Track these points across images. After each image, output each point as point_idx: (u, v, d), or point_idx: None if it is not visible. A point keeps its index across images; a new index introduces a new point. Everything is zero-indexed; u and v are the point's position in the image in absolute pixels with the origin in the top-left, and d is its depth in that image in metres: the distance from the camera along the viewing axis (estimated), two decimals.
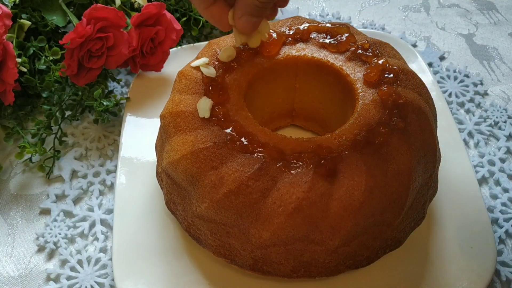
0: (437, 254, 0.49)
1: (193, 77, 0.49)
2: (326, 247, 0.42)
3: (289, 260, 0.44)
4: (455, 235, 0.50)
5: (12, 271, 0.51)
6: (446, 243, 0.50)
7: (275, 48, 0.51)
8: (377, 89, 0.48)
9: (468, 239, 0.49)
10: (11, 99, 0.56)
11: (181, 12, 0.70)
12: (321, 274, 0.45)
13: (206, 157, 0.43)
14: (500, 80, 0.70)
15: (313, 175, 0.41)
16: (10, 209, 0.55)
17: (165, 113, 0.48)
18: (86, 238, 0.53)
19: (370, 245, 0.44)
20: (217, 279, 0.47)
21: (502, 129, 0.63)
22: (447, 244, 0.50)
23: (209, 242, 0.46)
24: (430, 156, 0.46)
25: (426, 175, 0.46)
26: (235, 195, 0.42)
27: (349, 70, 0.50)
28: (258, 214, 0.41)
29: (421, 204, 0.47)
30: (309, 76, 0.54)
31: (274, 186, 0.41)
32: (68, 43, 0.54)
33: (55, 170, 0.58)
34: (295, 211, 0.41)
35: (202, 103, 0.46)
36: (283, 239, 0.42)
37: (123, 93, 0.66)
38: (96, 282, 0.49)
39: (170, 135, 0.47)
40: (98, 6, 0.55)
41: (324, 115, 0.56)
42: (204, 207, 0.43)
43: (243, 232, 0.43)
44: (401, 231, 0.46)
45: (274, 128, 0.59)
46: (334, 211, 0.41)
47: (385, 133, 0.44)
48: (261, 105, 0.54)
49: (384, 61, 0.49)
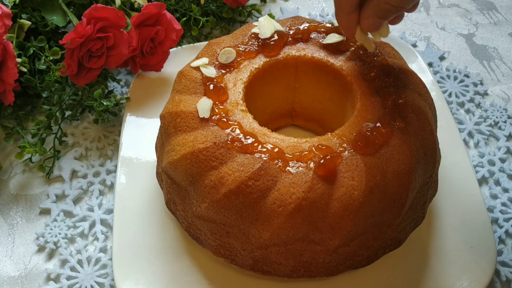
0: (437, 254, 0.49)
1: (193, 77, 0.49)
2: (326, 247, 0.42)
3: (289, 260, 0.44)
4: (455, 235, 0.50)
5: (12, 271, 0.51)
6: (446, 243, 0.50)
7: (276, 49, 0.51)
8: (377, 89, 0.48)
9: (468, 239, 0.49)
10: (11, 99, 0.56)
11: (181, 12, 0.70)
12: (321, 274, 0.45)
13: (206, 157, 0.43)
14: (500, 80, 0.70)
15: (313, 175, 0.41)
16: (10, 209, 0.55)
17: (165, 113, 0.48)
18: (86, 238, 0.53)
19: (370, 245, 0.44)
20: (217, 279, 0.47)
21: (502, 129, 0.63)
22: (447, 244, 0.50)
23: (209, 242, 0.46)
24: (430, 156, 0.46)
25: (426, 175, 0.46)
26: (235, 195, 0.42)
27: (349, 70, 0.50)
28: (258, 214, 0.42)
29: (421, 204, 0.47)
30: (309, 76, 0.54)
31: (274, 186, 0.41)
32: (68, 43, 0.54)
33: (55, 170, 0.58)
34: (295, 211, 0.41)
35: (202, 103, 0.46)
36: (283, 239, 0.42)
37: (123, 93, 0.66)
38: (96, 282, 0.49)
39: (170, 135, 0.47)
40: (98, 6, 0.55)
41: (324, 115, 0.56)
42: (204, 207, 0.43)
43: (243, 232, 0.43)
44: (401, 231, 0.46)
45: (274, 128, 0.59)
46: (334, 211, 0.41)
47: (385, 133, 0.44)
48: (261, 105, 0.55)
49: (384, 61, 0.50)
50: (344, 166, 0.42)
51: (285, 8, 0.79)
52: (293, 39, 0.53)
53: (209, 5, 0.72)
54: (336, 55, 0.52)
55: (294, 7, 0.80)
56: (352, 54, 0.51)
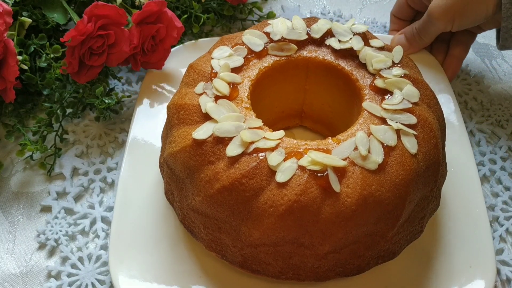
0: (433, 270, 0.48)
1: (201, 70, 0.49)
2: (315, 251, 0.42)
3: (278, 261, 0.43)
4: (455, 252, 0.49)
5: (13, 268, 0.51)
6: (443, 260, 0.48)
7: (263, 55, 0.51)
8: (382, 97, 0.47)
9: (468, 257, 0.48)
10: (12, 96, 0.56)
11: (182, 10, 0.70)
12: (310, 278, 0.44)
13: (204, 151, 0.43)
14: (502, 79, 0.70)
15: (307, 179, 0.41)
16: (11, 206, 0.55)
17: (170, 104, 0.49)
18: (87, 235, 0.53)
19: (361, 254, 0.44)
20: (209, 273, 0.47)
21: (503, 127, 0.63)
22: (445, 260, 0.48)
23: (202, 235, 0.46)
24: (432, 169, 0.45)
25: (427, 188, 0.45)
26: (228, 192, 0.42)
27: (359, 75, 0.50)
28: (249, 212, 0.41)
29: (419, 218, 0.46)
30: (319, 78, 0.53)
31: (268, 186, 0.41)
32: (69, 40, 0.54)
33: (56, 167, 0.58)
34: (286, 213, 0.40)
35: (204, 98, 0.46)
36: (273, 239, 0.42)
37: (124, 91, 0.66)
38: (96, 280, 0.49)
39: (173, 127, 0.47)
40: (99, 4, 0.55)
41: (333, 119, 0.56)
42: (198, 201, 0.43)
43: (234, 229, 0.43)
44: (396, 243, 0.45)
45: (283, 127, 0.59)
46: (325, 216, 0.40)
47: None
48: (270, 104, 0.54)
49: (395, 71, 0.49)
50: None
51: (286, 6, 0.79)
52: (307, 40, 0.52)
53: (210, 2, 0.72)
54: (348, 59, 0.51)
55: (295, 4, 0.80)
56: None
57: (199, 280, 0.47)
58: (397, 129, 0.44)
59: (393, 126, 0.44)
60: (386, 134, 0.44)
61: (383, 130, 0.44)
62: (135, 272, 0.47)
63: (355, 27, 0.53)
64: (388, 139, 0.43)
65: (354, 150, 0.42)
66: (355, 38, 0.52)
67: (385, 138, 0.43)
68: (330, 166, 0.41)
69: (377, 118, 0.45)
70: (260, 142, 0.43)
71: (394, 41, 0.66)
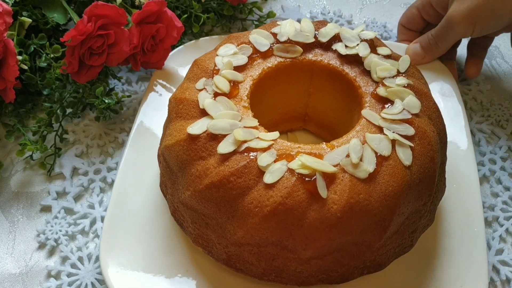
0: (421, 286, 0.47)
1: (205, 67, 0.50)
2: (298, 256, 0.42)
3: (261, 262, 0.43)
4: (445, 269, 0.48)
5: (13, 268, 0.51)
6: (433, 276, 0.47)
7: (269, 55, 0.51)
8: (383, 106, 0.47)
9: (458, 277, 0.47)
10: (12, 96, 0.56)
11: (182, 9, 0.70)
12: (292, 282, 0.44)
13: (197, 146, 0.43)
14: (502, 79, 0.70)
15: (294, 182, 0.40)
16: (11, 206, 0.55)
17: (171, 98, 0.49)
18: (87, 235, 0.53)
19: (346, 263, 0.43)
20: (196, 267, 0.47)
21: (503, 127, 0.63)
22: (432, 280, 0.47)
23: (190, 230, 0.46)
24: (426, 183, 0.44)
25: (420, 202, 0.44)
26: (216, 188, 0.42)
27: (362, 82, 0.49)
28: (235, 210, 0.41)
29: (410, 231, 0.45)
30: (323, 82, 0.53)
31: (255, 186, 0.41)
32: (69, 40, 0.54)
33: (56, 167, 0.58)
34: (270, 214, 0.40)
35: (203, 95, 0.46)
36: (256, 240, 0.41)
37: (124, 91, 0.66)
38: (96, 279, 0.49)
39: (172, 120, 0.47)
40: (99, 4, 0.55)
41: (335, 124, 0.55)
42: (188, 195, 0.44)
43: (220, 226, 0.43)
44: (383, 255, 0.44)
45: (286, 129, 0.59)
46: (309, 221, 0.40)
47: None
48: (273, 105, 0.54)
49: (399, 80, 0.48)
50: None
51: (286, 6, 0.79)
52: (313, 44, 0.52)
53: (210, 2, 0.72)
54: (353, 66, 0.51)
55: (295, 5, 0.80)
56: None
57: (185, 273, 0.47)
58: (392, 139, 0.43)
59: (389, 136, 0.43)
60: (381, 143, 0.43)
61: (378, 139, 0.43)
62: (124, 260, 0.47)
63: (364, 34, 0.52)
64: (382, 149, 0.43)
65: (346, 157, 0.42)
66: (362, 45, 0.51)
67: (379, 147, 0.43)
68: (319, 171, 0.41)
69: (375, 127, 0.45)
70: (253, 142, 0.43)
71: (409, 50, 0.65)
